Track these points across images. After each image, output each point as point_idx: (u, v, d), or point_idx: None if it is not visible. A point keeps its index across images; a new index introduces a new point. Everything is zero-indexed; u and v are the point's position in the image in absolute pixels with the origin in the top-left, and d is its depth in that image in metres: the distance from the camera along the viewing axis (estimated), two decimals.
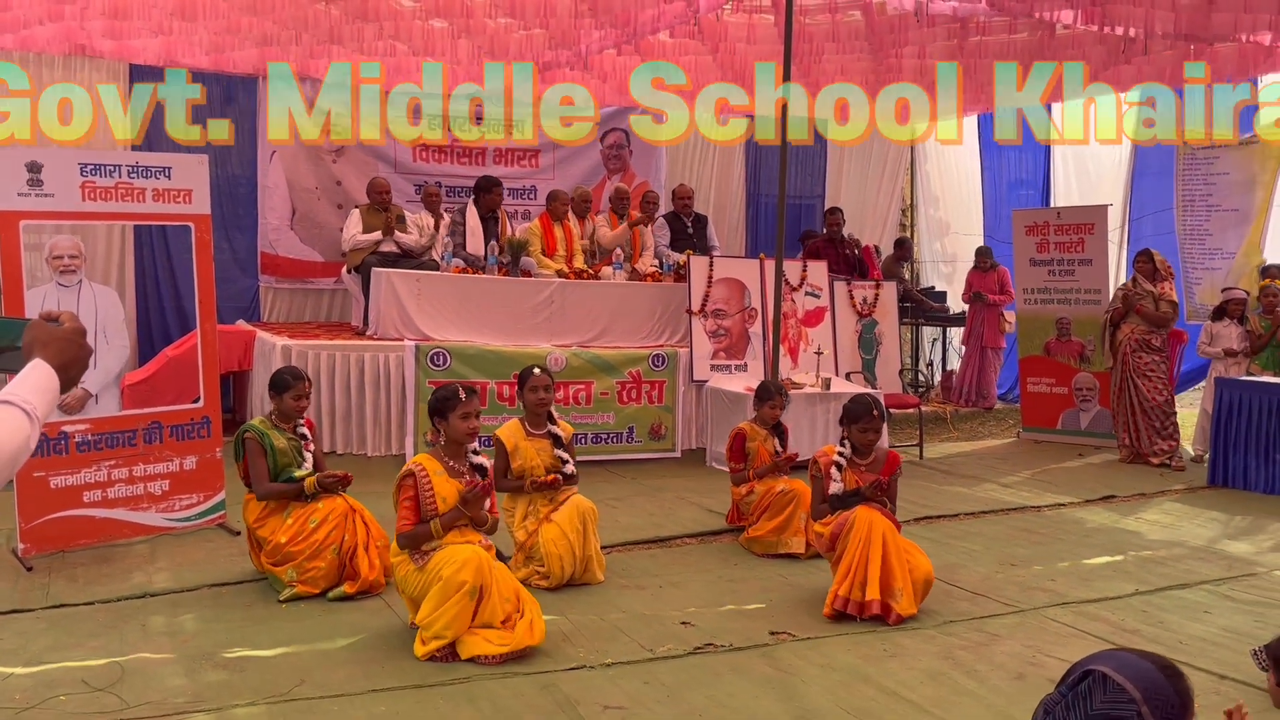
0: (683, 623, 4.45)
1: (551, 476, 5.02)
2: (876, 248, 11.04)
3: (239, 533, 5.48)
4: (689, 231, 9.38)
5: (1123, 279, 9.30)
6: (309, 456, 5.02)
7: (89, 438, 5.37)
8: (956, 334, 11.32)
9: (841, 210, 10.30)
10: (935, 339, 12.08)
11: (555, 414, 5.21)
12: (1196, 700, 3.66)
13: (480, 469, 4.39)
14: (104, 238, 8.53)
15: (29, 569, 5.02)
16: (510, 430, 5.13)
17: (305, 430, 5.08)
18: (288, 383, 5.03)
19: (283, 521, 4.80)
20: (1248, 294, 8.63)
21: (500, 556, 4.44)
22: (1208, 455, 7.78)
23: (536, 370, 5.10)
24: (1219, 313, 8.57)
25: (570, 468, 5.12)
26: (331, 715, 3.49)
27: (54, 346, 1.71)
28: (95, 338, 6.05)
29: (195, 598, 4.71)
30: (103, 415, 5.73)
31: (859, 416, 4.78)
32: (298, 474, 4.88)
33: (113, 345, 6.26)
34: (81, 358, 1.75)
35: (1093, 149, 11.04)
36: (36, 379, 1.67)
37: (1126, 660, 1.51)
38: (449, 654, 3.98)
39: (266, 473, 4.88)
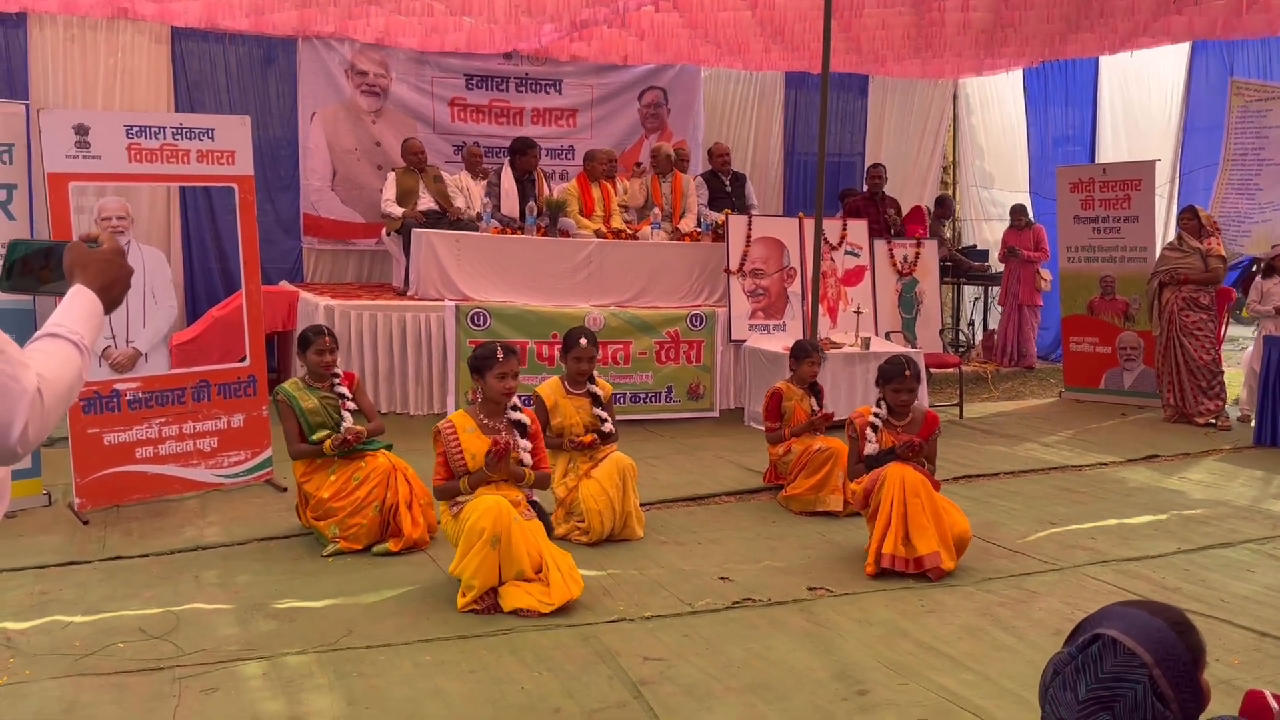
0: (721, 578, 4.50)
1: (590, 437, 5.09)
2: (927, 208, 10.90)
3: (285, 489, 5.59)
4: (727, 190, 9.33)
5: (1170, 236, 9.12)
6: (348, 416, 5.01)
7: (140, 395, 5.49)
8: (997, 293, 11.20)
9: (884, 165, 10.17)
10: (976, 298, 11.96)
11: (595, 373, 5.27)
12: (1237, 657, 3.65)
13: (519, 425, 4.46)
14: (149, 199, 8.65)
15: (85, 523, 5.17)
16: (551, 388, 5.19)
17: (343, 388, 5.08)
18: (309, 339, 5.08)
19: (327, 478, 4.88)
20: None
21: (540, 513, 4.50)
22: (1254, 415, 7.66)
23: (583, 341, 5.11)
24: (1269, 270, 8.39)
25: (608, 426, 5.18)
26: (378, 664, 3.59)
27: (94, 268, 1.68)
28: (144, 298, 6.17)
29: (245, 551, 4.84)
30: (153, 374, 5.84)
31: (893, 377, 4.78)
32: (315, 436, 4.91)
33: (161, 305, 6.36)
34: (122, 278, 1.72)
35: (1142, 102, 10.81)
36: (80, 306, 1.64)
37: (1136, 620, 1.47)
38: (491, 606, 4.06)
39: (298, 433, 4.94)
